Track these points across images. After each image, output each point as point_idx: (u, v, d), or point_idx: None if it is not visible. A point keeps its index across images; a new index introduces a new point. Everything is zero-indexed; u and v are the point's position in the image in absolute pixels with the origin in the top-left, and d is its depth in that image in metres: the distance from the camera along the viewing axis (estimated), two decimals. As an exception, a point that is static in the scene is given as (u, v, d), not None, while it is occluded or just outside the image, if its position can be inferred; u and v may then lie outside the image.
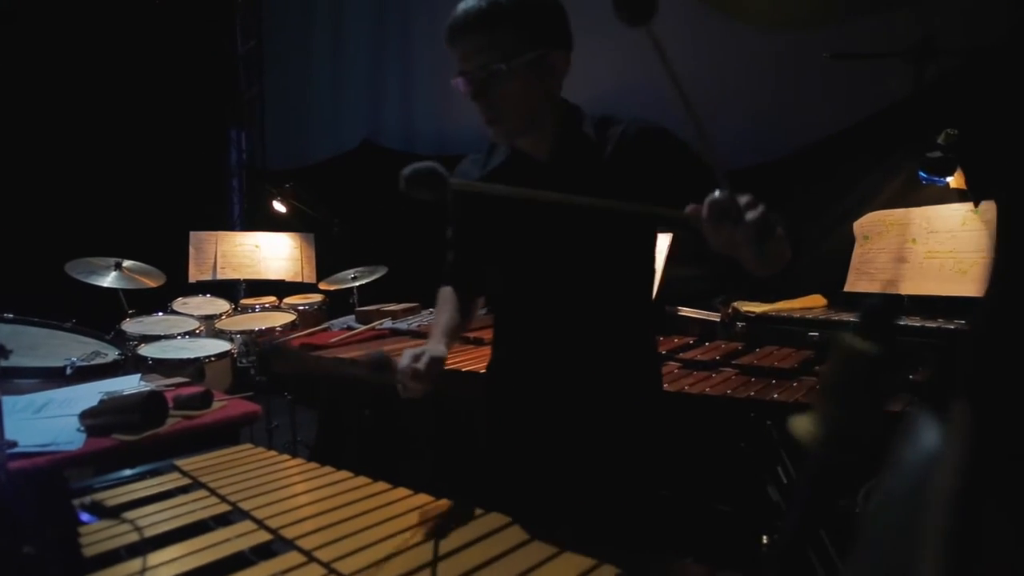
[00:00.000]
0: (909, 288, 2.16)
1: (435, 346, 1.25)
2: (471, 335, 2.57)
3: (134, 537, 1.07)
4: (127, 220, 4.27)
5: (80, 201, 4.30)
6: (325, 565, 0.95)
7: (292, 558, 0.98)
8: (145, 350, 2.66)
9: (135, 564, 0.97)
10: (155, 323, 3.10)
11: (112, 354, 2.58)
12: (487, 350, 1.56)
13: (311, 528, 1.08)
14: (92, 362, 2.37)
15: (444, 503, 1.16)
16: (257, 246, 4.04)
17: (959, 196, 2.10)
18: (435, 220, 4.28)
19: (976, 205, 1.90)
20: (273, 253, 4.06)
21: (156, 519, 1.15)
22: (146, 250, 3.60)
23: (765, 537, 1.31)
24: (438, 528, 1.05)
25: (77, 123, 4.55)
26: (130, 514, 1.19)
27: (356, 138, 5.09)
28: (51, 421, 1.65)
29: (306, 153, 5.48)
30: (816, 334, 2.05)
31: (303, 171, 5.04)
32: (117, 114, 4.85)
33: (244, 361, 3.10)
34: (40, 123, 4.32)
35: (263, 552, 1.02)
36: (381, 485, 1.29)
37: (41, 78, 4.43)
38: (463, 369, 2.12)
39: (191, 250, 3.88)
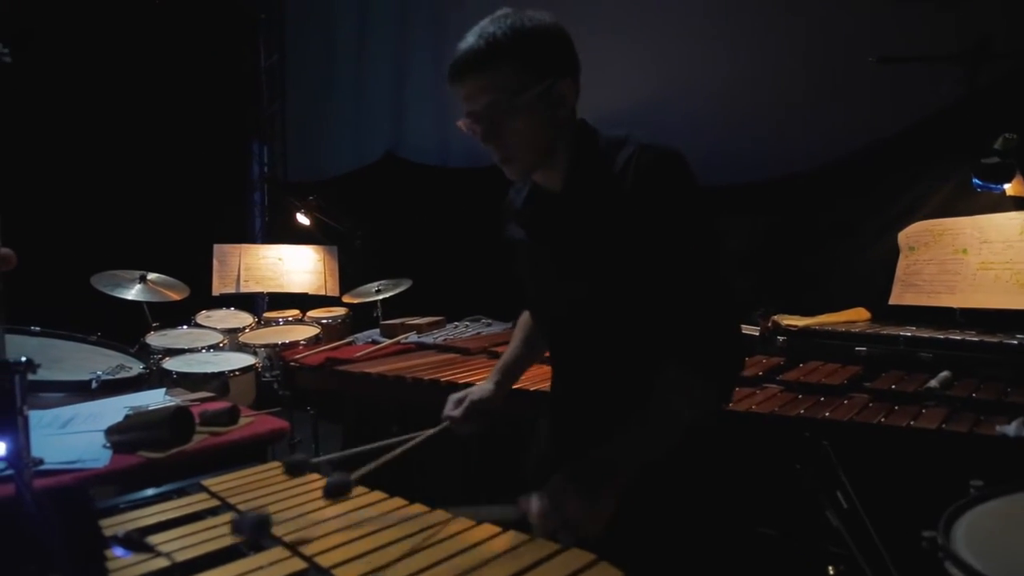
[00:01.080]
0: (961, 301, 2.06)
1: (483, 387, 1.31)
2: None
3: (163, 563, 1.01)
4: (152, 233, 4.28)
5: (105, 215, 4.32)
6: (366, 597, 0.88)
7: (328, 589, 0.91)
8: (169, 364, 2.63)
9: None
10: (179, 336, 3.08)
11: (137, 368, 2.56)
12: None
13: (347, 556, 1.01)
14: (117, 376, 2.35)
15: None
16: (280, 259, 4.02)
17: (1015, 204, 2.01)
18: (460, 233, 4.22)
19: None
20: (296, 266, 4.04)
21: (185, 543, 1.09)
22: (170, 264, 3.60)
23: (832, 568, 1.22)
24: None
25: (102, 138, 4.58)
26: (157, 537, 1.13)
27: (379, 150, 5.08)
28: (77, 437, 1.61)
29: (328, 166, 5.49)
30: (863, 349, 1.96)
31: (325, 184, 5.04)
32: (142, 129, 4.88)
33: (268, 376, 3.06)
34: (66, 138, 4.36)
35: (297, 583, 0.96)
36: (418, 507, 1.22)
37: (67, 92, 4.46)
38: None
39: (215, 263, 3.88)
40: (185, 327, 3.26)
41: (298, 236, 4.36)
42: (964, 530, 0.98)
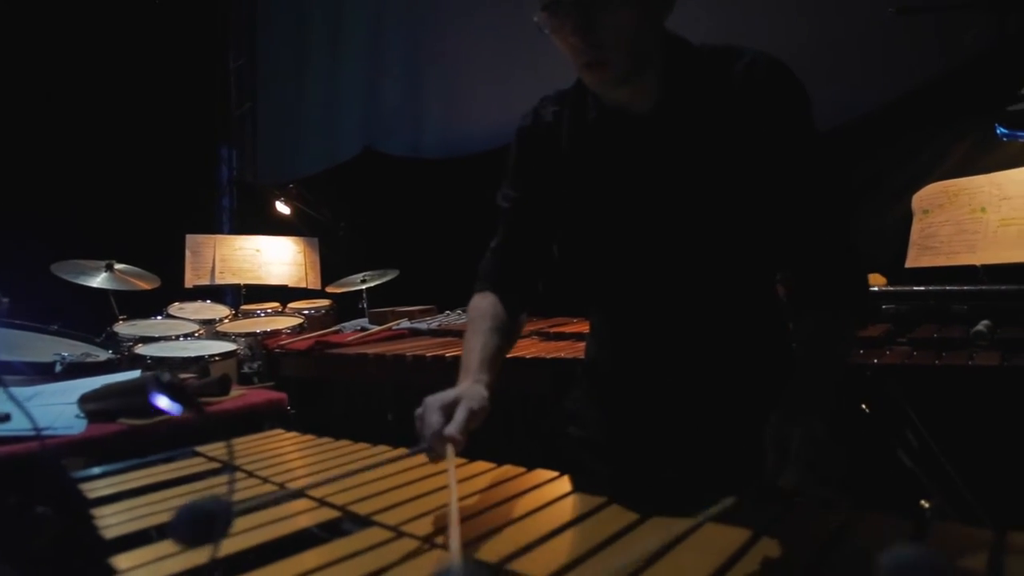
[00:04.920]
0: (983, 258, 2.01)
1: (472, 389, 0.91)
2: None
3: (163, 518, 0.85)
4: (119, 230, 4.06)
5: (69, 212, 4.11)
6: (423, 539, 0.73)
7: (376, 534, 0.76)
8: (143, 349, 2.42)
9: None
10: (151, 326, 2.85)
11: (104, 355, 2.35)
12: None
13: (386, 504, 0.86)
14: (85, 360, 2.14)
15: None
16: (258, 250, 3.81)
17: (1034, 157, 1.97)
18: (448, 223, 4.07)
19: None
20: (275, 257, 3.84)
21: (187, 500, 0.93)
22: (140, 260, 3.38)
23: (925, 502, 1.12)
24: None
25: (67, 136, 4.41)
26: (155, 496, 0.97)
27: (355, 147, 4.96)
28: (44, 409, 1.42)
29: (301, 167, 5.33)
30: (891, 306, 1.88)
31: (301, 182, 4.87)
32: (107, 128, 4.72)
33: (248, 368, 2.85)
34: (28, 130, 4.15)
35: (332, 530, 0.80)
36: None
37: (32, 81, 4.27)
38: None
39: (187, 254, 3.65)
40: (158, 317, 3.04)
41: (278, 228, 4.16)
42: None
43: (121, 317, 3.01)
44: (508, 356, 1.93)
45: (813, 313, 0.91)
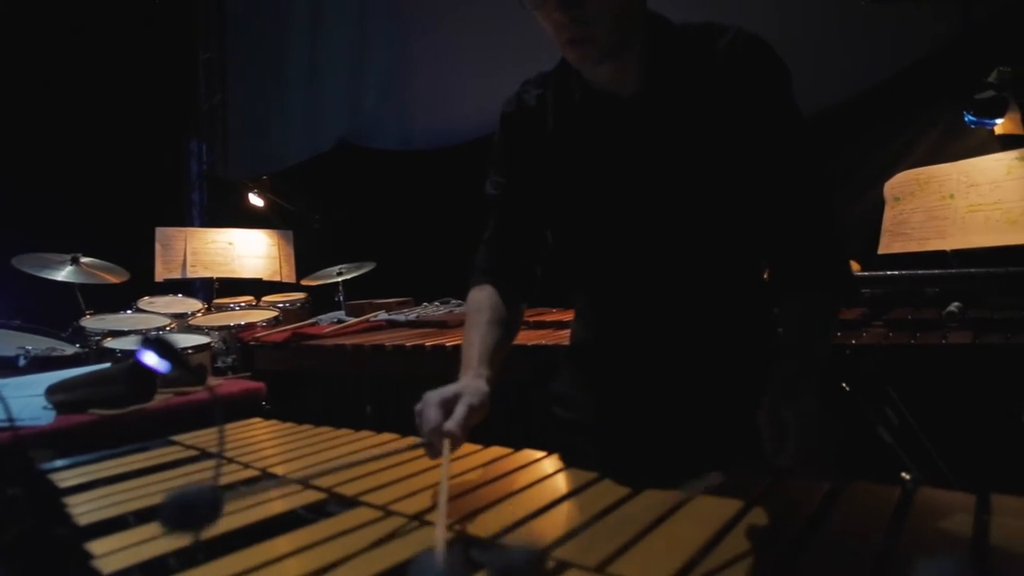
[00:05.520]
0: (952, 244, 2.06)
1: (472, 384, 0.89)
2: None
3: (140, 504, 0.82)
4: (83, 224, 3.95)
5: (33, 205, 3.98)
6: (412, 517, 0.72)
7: (364, 513, 0.75)
8: (112, 343, 2.35)
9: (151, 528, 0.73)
10: (120, 320, 2.77)
11: (71, 350, 2.27)
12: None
13: (373, 485, 0.85)
14: (51, 354, 2.07)
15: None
16: (231, 243, 3.73)
17: (1001, 146, 2.03)
18: (424, 215, 4.02)
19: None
20: (248, 251, 3.76)
21: (167, 485, 0.90)
22: (106, 254, 3.28)
23: (905, 474, 1.14)
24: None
25: (30, 128, 4.27)
26: (131, 483, 0.93)
27: (330, 140, 4.90)
28: (9, 401, 1.36)
29: (275, 161, 5.24)
30: (867, 291, 1.92)
31: (275, 176, 4.79)
32: (71, 120, 4.59)
33: (223, 362, 2.79)
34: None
35: (319, 511, 0.78)
36: (414, 438, 1.06)
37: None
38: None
39: (157, 247, 3.55)
40: (127, 312, 2.95)
41: (248, 223, 4.07)
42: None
43: (88, 312, 2.92)
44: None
45: (799, 295, 0.92)
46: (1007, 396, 1.12)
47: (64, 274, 2.88)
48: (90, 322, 2.68)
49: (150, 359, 0.43)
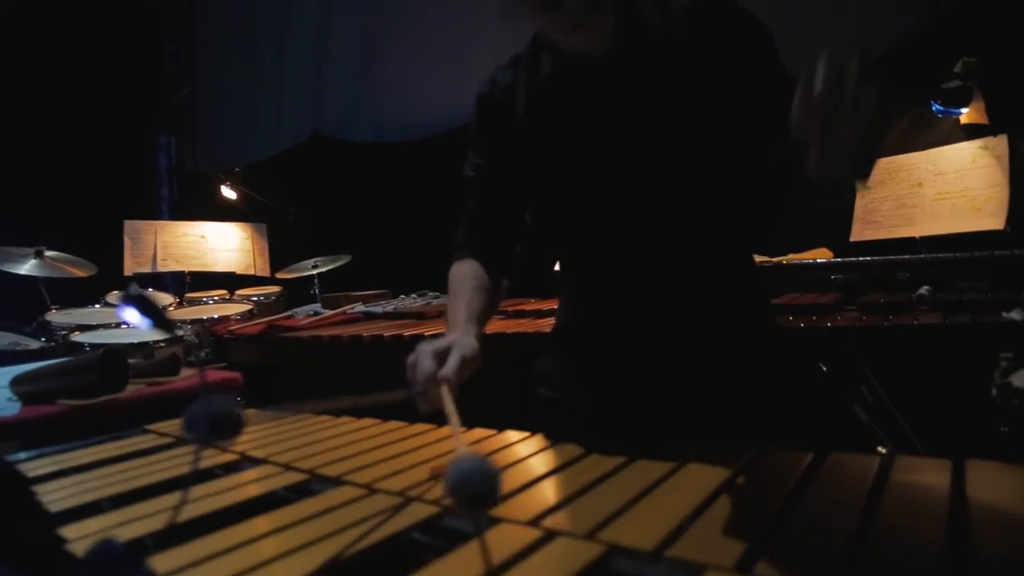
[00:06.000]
0: (921, 230, 2.12)
1: (463, 338, 0.90)
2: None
3: (115, 490, 0.80)
4: (49, 218, 3.82)
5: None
6: (397, 494, 0.71)
7: (348, 492, 0.74)
8: (80, 337, 2.28)
9: (133, 511, 0.71)
10: (88, 314, 2.69)
11: (36, 344, 2.20)
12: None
13: (357, 465, 0.84)
14: (15, 349, 2.00)
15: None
16: (203, 237, 3.65)
17: (966, 135, 2.08)
18: (399, 208, 3.97)
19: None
20: (221, 244, 3.68)
21: (144, 471, 0.88)
22: (73, 248, 3.18)
23: (881, 448, 1.17)
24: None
25: None
26: (105, 470, 0.91)
27: (304, 132, 4.83)
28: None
29: (248, 154, 5.14)
30: (839, 276, 1.96)
31: (247, 169, 4.70)
32: (36, 112, 4.43)
33: (197, 357, 2.73)
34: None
35: (301, 492, 0.77)
36: (395, 423, 1.06)
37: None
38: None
39: (126, 240, 3.46)
40: (95, 306, 2.87)
41: (220, 217, 3.99)
42: (1022, 381, 0.94)
43: (54, 306, 2.84)
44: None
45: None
46: (975, 372, 1.15)
47: (28, 267, 2.79)
48: (56, 316, 2.60)
49: (131, 316, 0.42)
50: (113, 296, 3.03)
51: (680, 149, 0.94)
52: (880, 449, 1.18)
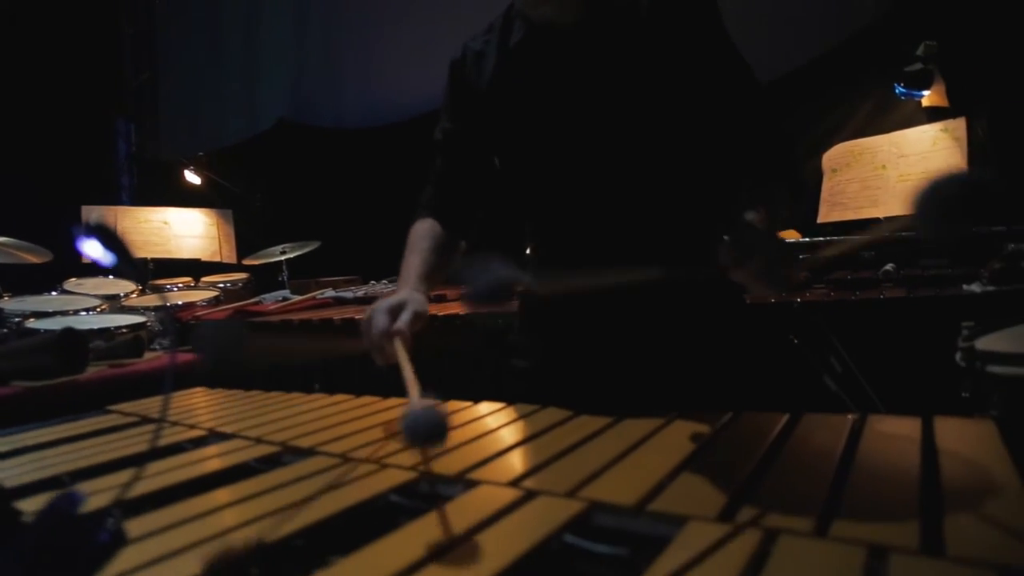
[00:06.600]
0: (884, 212, 2.16)
1: (413, 295, 0.96)
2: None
3: (76, 465, 0.76)
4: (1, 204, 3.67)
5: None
6: (373, 461, 0.70)
7: (321, 461, 0.72)
8: (36, 323, 2.19)
9: (95, 484, 0.68)
10: (44, 302, 2.58)
11: (-12, 333, 2.11)
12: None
13: (329, 437, 0.82)
14: (-34, 336, 1.91)
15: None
16: (166, 223, 3.54)
17: (928, 117, 2.13)
18: (369, 193, 3.92)
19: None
20: (185, 230, 3.57)
21: (106, 448, 0.84)
22: (28, 235, 3.05)
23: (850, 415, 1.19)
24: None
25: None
26: (66, 447, 0.87)
27: (271, 118, 4.72)
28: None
29: (212, 138, 5.01)
30: (806, 255, 1.99)
31: (213, 155, 4.57)
32: None
33: (161, 345, 2.64)
34: None
35: (273, 463, 0.75)
36: (368, 398, 1.05)
37: None
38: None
39: (83, 227, 3.33)
40: (52, 293, 2.76)
41: (184, 205, 3.87)
42: (984, 345, 0.97)
43: (6, 294, 2.72)
44: (440, 315, 1.89)
45: (753, 190, 0.94)
46: (938, 342, 1.18)
47: (-25, 253, 2.67)
48: (9, 303, 2.49)
49: (92, 250, 0.39)
50: (71, 283, 2.92)
51: (642, 115, 0.97)
52: (849, 416, 1.20)
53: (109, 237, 0.39)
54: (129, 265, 0.39)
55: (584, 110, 0.98)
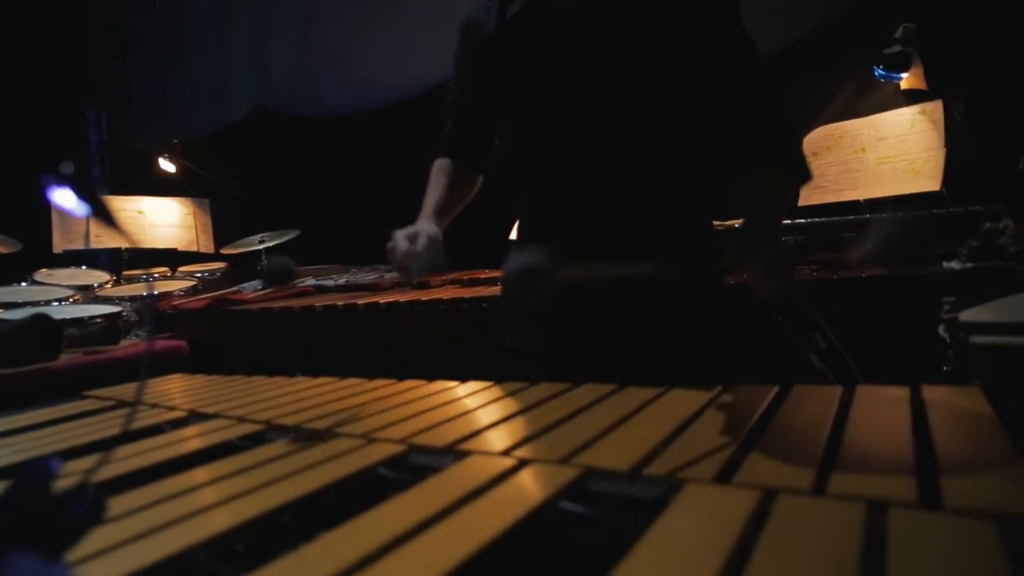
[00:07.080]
0: (864, 194, 2.19)
1: (429, 226, 1.05)
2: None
3: (49, 449, 0.74)
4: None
5: None
6: (361, 436, 0.68)
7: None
8: (5, 315, 2.12)
9: (71, 466, 0.65)
10: (13, 292, 2.51)
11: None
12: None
13: (314, 416, 0.80)
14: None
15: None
16: (141, 212, 3.45)
17: (906, 100, 2.15)
18: (348, 181, 3.87)
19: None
20: (161, 220, 3.49)
21: (83, 431, 0.82)
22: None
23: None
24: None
25: None
26: (41, 431, 0.84)
27: (246, 106, 4.63)
28: None
29: (187, 129, 4.89)
30: (789, 237, 2.01)
31: (188, 143, 4.47)
32: None
33: (137, 335, 2.58)
34: None
35: (257, 441, 0.73)
36: (353, 380, 1.03)
37: None
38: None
39: (54, 216, 3.24)
40: (22, 284, 2.68)
41: (159, 194, 3.78)
42: (967, 316, 0.98)
43: (-27, 286, 2.64)
44: (427, 299, 1.89)
45: (755, 174, 0.95)
46: (920, 318, 1.20)
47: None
48: (-23, 295, 2.42)
49: (65, 199, 0.37)
50: (42, 274, 2.83)
51: (637, 89, 0.97)
52: (839, 388, 1.22)
53: (81, 186, 0.37)
54: (103, 217, 0.37)
55: (578, 83, 0.99)
